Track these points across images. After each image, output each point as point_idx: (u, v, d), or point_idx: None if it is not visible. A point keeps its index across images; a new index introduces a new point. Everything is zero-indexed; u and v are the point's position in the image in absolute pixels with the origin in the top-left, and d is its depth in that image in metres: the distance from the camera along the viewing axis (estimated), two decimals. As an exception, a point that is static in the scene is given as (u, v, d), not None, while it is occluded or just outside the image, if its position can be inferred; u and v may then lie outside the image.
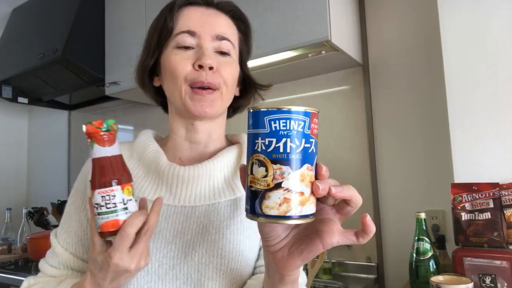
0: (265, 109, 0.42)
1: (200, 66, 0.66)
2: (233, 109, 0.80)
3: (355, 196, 0.45)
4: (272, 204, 0.42)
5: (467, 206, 1.13)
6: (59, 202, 2.45)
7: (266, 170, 0.42)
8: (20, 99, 2.55)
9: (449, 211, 1.18)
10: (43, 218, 2.36)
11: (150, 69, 0.73)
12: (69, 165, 2.80)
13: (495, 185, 1.11)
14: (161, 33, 0.70)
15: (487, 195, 1.11)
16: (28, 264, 2.03)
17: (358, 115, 1.70)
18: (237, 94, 0.77)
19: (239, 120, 0.77)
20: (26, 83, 2.41)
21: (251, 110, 0.44)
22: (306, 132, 0.42)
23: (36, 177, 3.03)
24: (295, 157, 0.42)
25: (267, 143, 0.42)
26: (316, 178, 0.44)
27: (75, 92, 2.46)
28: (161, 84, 0.73)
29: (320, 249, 0.47)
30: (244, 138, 0.76)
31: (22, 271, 1.87)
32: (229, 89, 0.70)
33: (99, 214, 0.53)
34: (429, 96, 1.54)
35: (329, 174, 0.45)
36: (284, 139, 0.41)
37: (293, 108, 0.42)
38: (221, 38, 0.69)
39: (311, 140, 0.43)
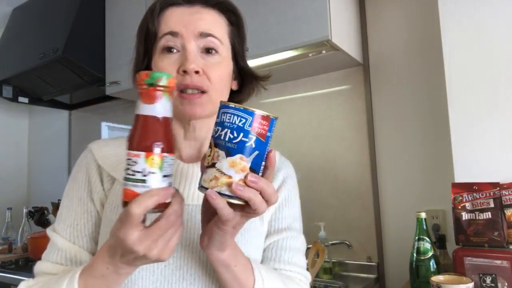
0: (224, 104, 0.51)
1: (185, 71, 0.65)
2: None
3: (253, 200, 0.49)
4: (206, 178, 0.50)
5: (468, 205, 1.13)
6: (60, 201, 2.45)
7: (211, 151, 0.50)
8: (21, 99, 2.54)
9: (450, 211, 1.18)
10: (44, 217, 2.37)
11: None
12: (69, 164, 2.80)
13: (495, 185, 1.11)
14: (146, 38, 0.69)
15: (488, 194, 1.11)
16: (29, 263, 2.03)
17: (358, 114, 1.70)
18: (234, 88, 0.75)
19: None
20: (26, 82, 2.41)
21: (220, 103, 0.52)
22: (246, 128, 0.49)
23: (36, 177, 3.03)
24: (231, 146, 0.49)
25: (216, 130, 0.50)
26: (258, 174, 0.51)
27: (76, 91, 2.46)
28: None
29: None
30: None
31: (23, 271, 1.87)
32: (219, 91, 0.69)
33: (123, 178, 0.48)
34: (430, 96, 1.54)
35: (259, 180, 0.50)
36: (226, 129, 0.49)
37: (239, 107, 0.49)
38: (206, 35, 0.67)
39: (250, 136, 0.49)
